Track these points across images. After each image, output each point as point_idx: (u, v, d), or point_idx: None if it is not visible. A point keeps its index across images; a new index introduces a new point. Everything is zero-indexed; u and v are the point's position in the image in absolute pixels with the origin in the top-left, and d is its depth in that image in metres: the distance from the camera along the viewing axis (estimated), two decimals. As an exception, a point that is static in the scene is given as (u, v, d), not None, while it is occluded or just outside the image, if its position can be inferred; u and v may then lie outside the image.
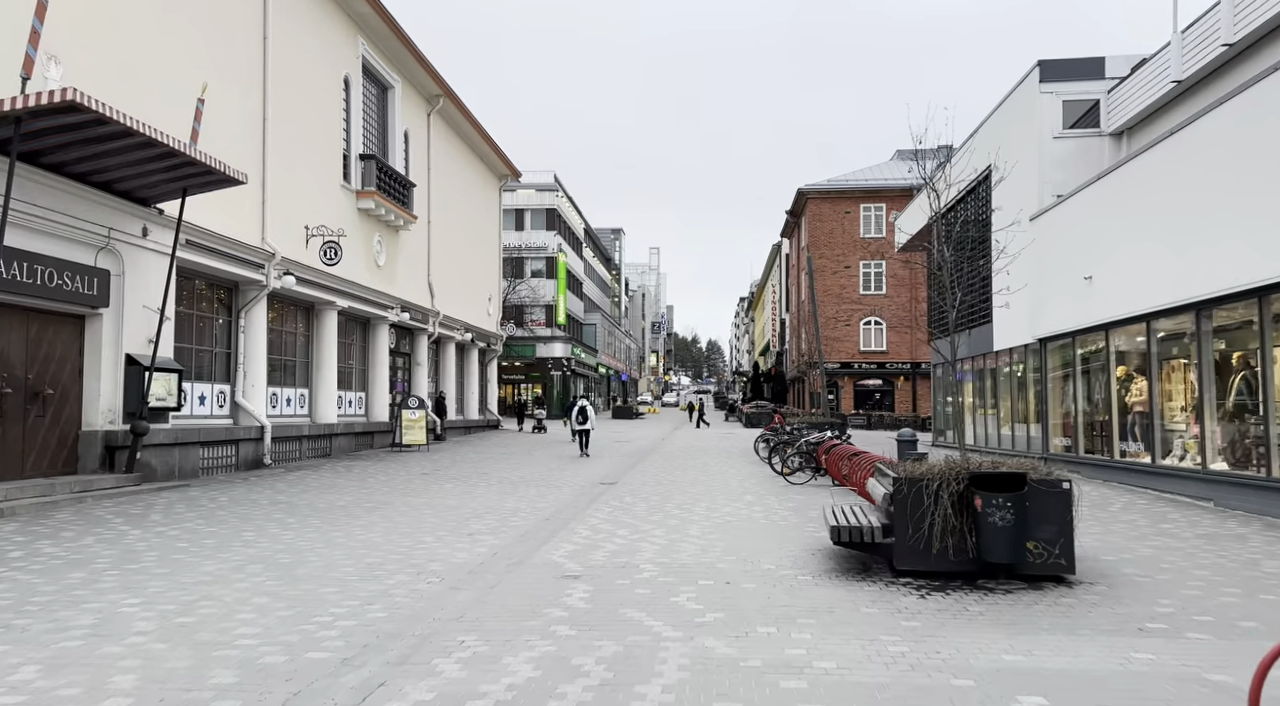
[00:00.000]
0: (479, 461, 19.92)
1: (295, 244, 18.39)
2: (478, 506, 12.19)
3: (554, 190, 56.20)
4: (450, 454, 22.00)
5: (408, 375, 27.15)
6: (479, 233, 33.49)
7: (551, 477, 16.82)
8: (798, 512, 11.94)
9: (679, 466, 19.53)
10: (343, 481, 15.07)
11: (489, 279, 35.07)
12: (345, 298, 20.96)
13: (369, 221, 22.53)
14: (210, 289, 16.42)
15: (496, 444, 26.71)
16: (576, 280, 64.24)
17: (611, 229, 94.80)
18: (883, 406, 48.35)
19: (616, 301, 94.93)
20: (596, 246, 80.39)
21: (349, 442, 21.42)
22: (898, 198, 46.88)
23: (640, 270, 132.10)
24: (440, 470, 17.60)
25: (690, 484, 15.69)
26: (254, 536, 9.30)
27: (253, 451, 16.66)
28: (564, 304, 55.57)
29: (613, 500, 13.18)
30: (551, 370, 54.01)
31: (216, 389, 16.36)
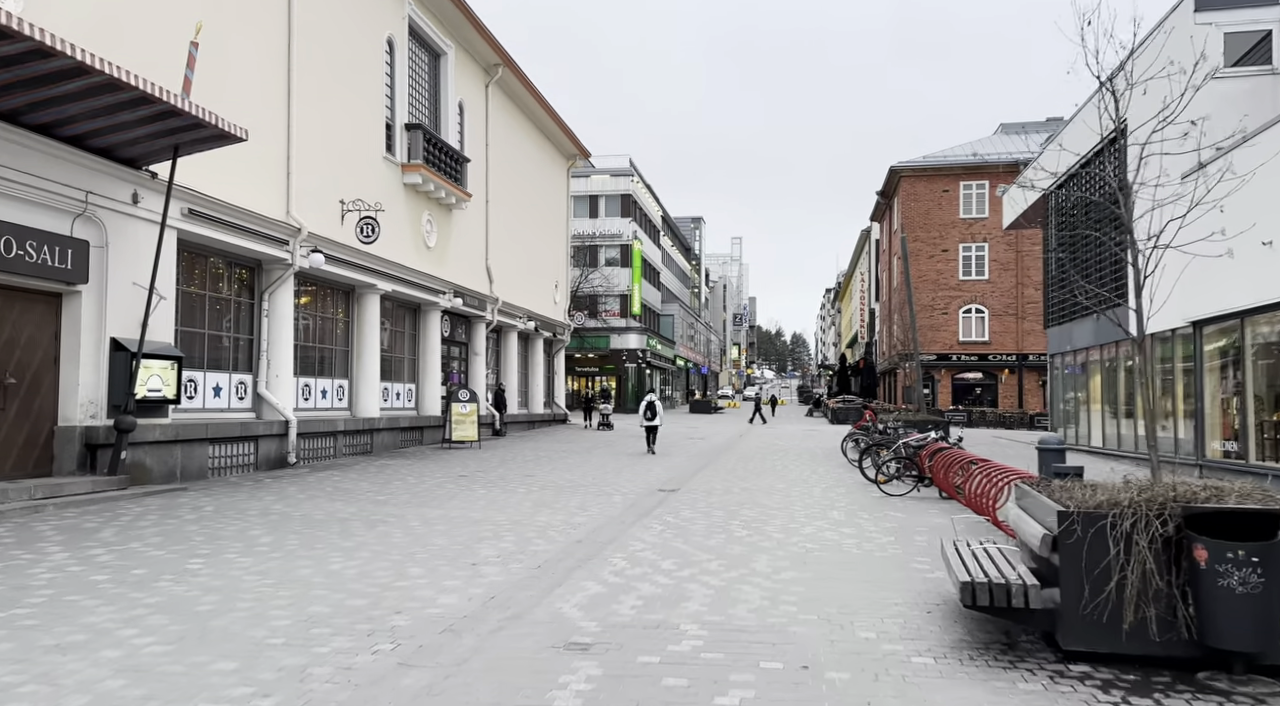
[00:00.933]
0: (530, 461, 17.91)
1: (327, 219, 16.69)
2: (502, 521, 10.07)
3: (629, 175, 54.08)
4: (503, 452, 20.09)
5: (464, 366, 25.43)
6: (544, 215, 31.60)
7: (604, 482, 14.62)
8: (900, 537, 9.39)
9: (753, 470, 17.08)
10: (364, 485, 13.22)
11: (555, 265, 33.17)
12: (389, 280, 19.24)
13: (416, 198, 20.77)
14: (229, 268, 14.82)
15: (557, 440, 24.74)
16: (653, 269, 62.06)
17: (691, 217, 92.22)
18: (983, 402, 44.52)
19: (696, 292, 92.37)
20: (675, 235, 78.02)
21: (393, 438, 19.73)
22: (1003, 175, 42.94)
23: (721, 261, 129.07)
24: (482, 471, 15.63)
25: (764, 492, 13.25)
26: (200, 565, 7.37)
27: (276, 449, 15.03)
28: (639, 293, 53.45)
29: (668, 514, 10.87)
30: (625, 362, 51.98)
31: (235, 379, 14.77)
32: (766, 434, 30.72)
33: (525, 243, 29.21)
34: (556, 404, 34.07)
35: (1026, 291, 44.30)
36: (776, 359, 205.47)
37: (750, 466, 17.86)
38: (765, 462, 18.77)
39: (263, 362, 15.19)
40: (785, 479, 15.50)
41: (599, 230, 53.51)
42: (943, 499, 12.86)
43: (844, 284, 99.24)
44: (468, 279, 23.91)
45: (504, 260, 26.83)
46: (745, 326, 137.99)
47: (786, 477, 15.72)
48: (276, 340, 15.40)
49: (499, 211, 26.43)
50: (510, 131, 27.72)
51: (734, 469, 17.32)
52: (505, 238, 27.08)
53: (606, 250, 53.54)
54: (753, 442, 25.78)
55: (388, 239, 19.08)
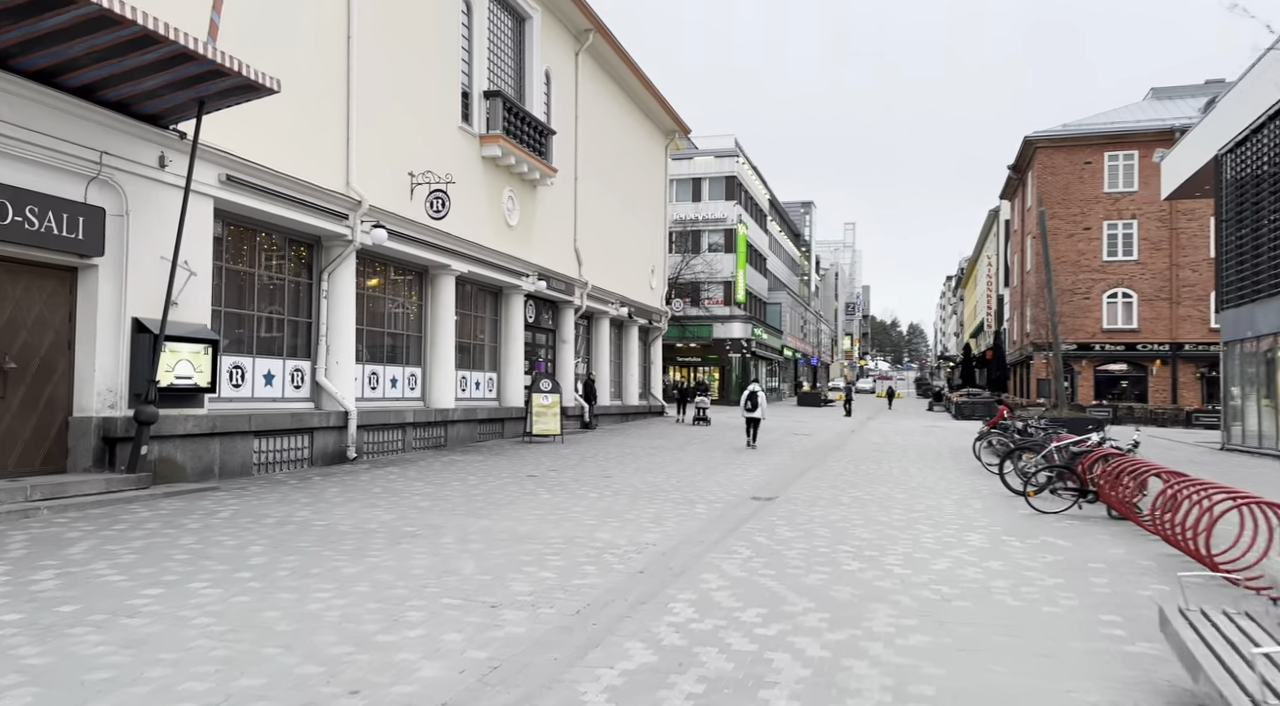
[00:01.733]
0: (612, 459, 16.12)
1: (394, 193, 15.34)
2: (554, 538, 8.26)
3: (734, 156, 51.64)
4: (586, 447, 18.39)
5: (551, 354, 23.92)
6: (640, 195, 29.77)
7: (690, 485, 12.66)
8: (1070, 578, 7.04)
9: (867, 474, 14.73)
10: (418, 485, 11.71)
11: (652, 248, 31.31)
12: (465, 261, 17.81)
13: (496, 173, 19.29)
14: (284, 244, 13.62)
15: (649, 435, 22.91)
16: (759, 255, 59.42)
17: (801, 202, 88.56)
18: (1130, 396, 39.98)
19: (805, 280, 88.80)
20: (783, 220, 74.90)
21: (469, 431, 18.33)
22: (1154, 142, 38.29)
23: (833, 248, 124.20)
24: (555, 471, 13.94)
25: (881, 505, 10.97)
26: (152, 600, 5.83)
27: (334, 442, 13.77)
28: (743, 280, 51.02)
29: (759, 533, 8.81)
30: (729, 352, 49.69)
31: (291, 366, 13.57)
32: (883, 430, 27.96)
33: (618, 224, 27.46)
34: (653, 395, 32.26)
35: (1182, 273, 39.46)
36: (892, 350, 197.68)
37: (863, 470, 15.50)
38: (881, 465, 16.34)
39: (321, 348, 13.96)
40: (906, 487, 13.12)
41: (701, 214, 51.34)
42: (1112, 518, 10.27)
43: (967, 270, 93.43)
44: (554, 261, 22.34)
45: (594, 242, 25.16)
46: (858, 316, 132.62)
47: (908, 485, 13.33)
48: (337, 324, 14.13)
49: (589, 189, 24.76)
50: (602, 104, 25.98)
51: (844, 472, 15.02)
52: (596, 218, 25.39)
53: (709, 235, 51.32)
54: (866, 440, 23.23)
55: (464, 216, 17.65)
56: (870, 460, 17.43)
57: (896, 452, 19.26)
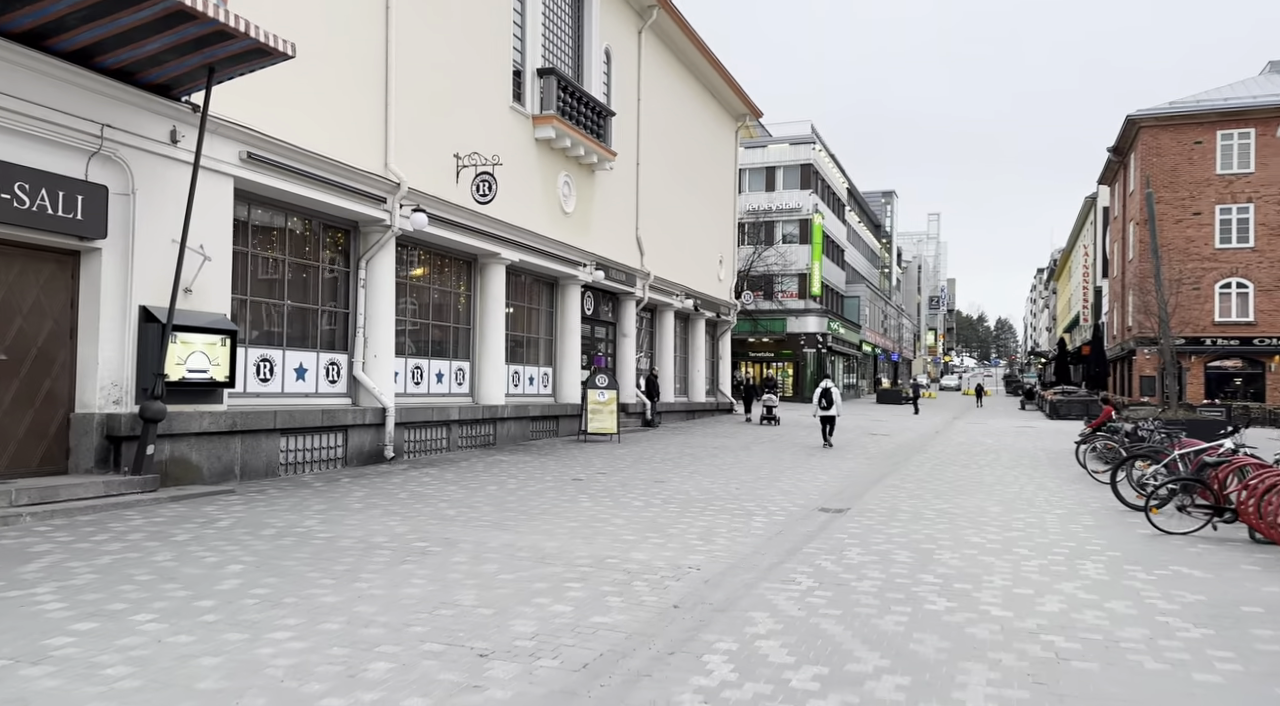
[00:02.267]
0: (669, 461, 14.89)
1: (437, 175, 14.44)
2: (582, 558, 7.10)
3: (810, 142, 49.62)
4: (643, 447, 17.21)
5: (611, 348, 22.81)
6: (707, 182, 28.40)
7: (751, 493, 11.34)
8: (1223, 626, 5.49)
9: (954, 481, 13.12)
10: (449, 490, 10.72)
11: (720, 238, 29.90)
12: (516, 249, 16.83)
13: (551, 156, 18.25)
14: (317, 229, 12.84)
15: (715, 434, 21.58)
16: (836, 246, 57.18)
17: (881, 192, 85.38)
18: (1244, 394, 36.61)
19: (886, 272, 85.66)
20: (862, 210, 72.22)
21: (521, 429, 17.35)
22: (1274, 119, 34.87)
23: (915, 239, 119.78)
24: (605, 474, 12.79)
25: (971, 521, 9.45)
26: (73, 640, 4.89)
27: (370, 441, 12.93)
28: (819, 272, 49.01)
29: (824, 555, 7.46)
30: (804, 347, 47.79)
31: (325, 359, 12.78)
32: (970, 430, 25.94)
33: (684, 212, 26.17)
34: (721, 392, 30.88)
35: (1310, 260, 35.84)
36: (978, 346, 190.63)
37: (948, 476, 13.88)
38: (970, 471, 14.67)
39: (359, 341, 13.13)
40: (1000, 497, 11.51)
41: (775, 204, 49.53)
42: (1257, 542, 8.54)
43: (1061, 261, 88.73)
44: (614, 250, 21.21)
45: (658, 231, 23.94)
46: (942, 310, 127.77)
47: (1002, 495, 11.71)
48: (375, 315, 13.30)
49: (652, 175, 23.54)
50: (667, 85, 24.71)
51: (926, 479, 13.44)
52: (659, 205, 24.16)
53: (783, 226, 49.44)
54: (951, 441, 21.39)
55: (515, 202, 16.67)
56: (957, 464, 15.74)
57: (987, 456, 17.48)
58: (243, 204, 11.28)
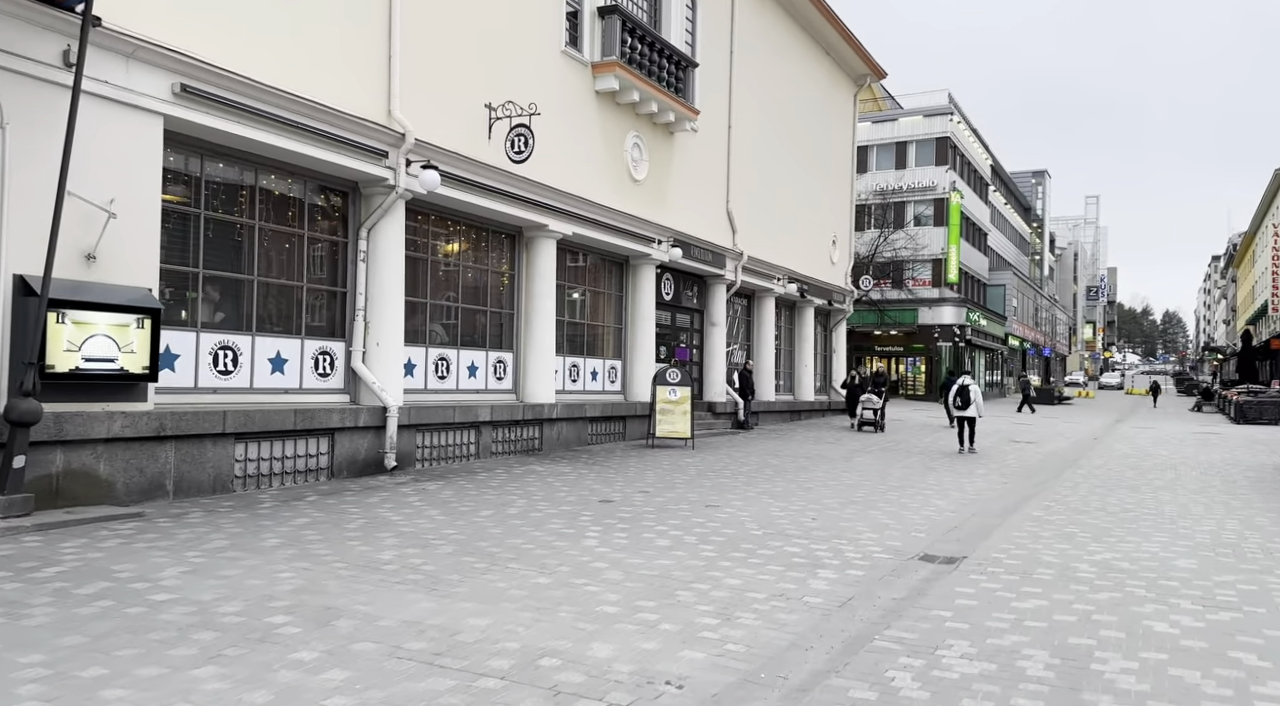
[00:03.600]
0: (743, 475, 11.96)
1: (465, 130, 12.10)
2: (506, 656, 4.42)
3: (947, 113, 44.73)
4: (721, 455, 14.32)
5: (697, 339, 19.96)
6: (818, 151, 25.01)
7: (832, 525, 8.33)
8: None
9: (1118, 512, 9.57)
10: (423, 521, 8.29)
11: (834, 215, 26.41)
12: (568, 220, 14.32)
13: (616, 113, 15.63)
14: (302, 190, 10.74)
15: (818, 439, 18.37)
16: (977, 230, 51.74)
17: (1032, 172, 77.82)
18: None
19: (1037, 260, 78.14)
20: (1009, 191, 65.72)
21: (576, 432, 14.81)
22: None
23: (1071, 224, 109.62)
24: (650, 492, 10.07)
25: (1149, 584, 6.07)
26: None
27: (368, 447, 10.73)
28: (956, 257, 44.09)
29: (910, 657, 4.41)
30: (938, 340, 43.08)
31: (314, 348, 10.68)
32: (1136, 437, 21.40)
33: (788, 184, 22.95)
34: (835, 389, 27.38)
35: None
36: (1143, 341, 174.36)
37: (1112, 504, 10.30)
38: (1140, 495, 10.96)
39: (357, 326, 10.96)
40: (1190, 541, 7.99)
41: (907, 182, 44.98)
42: None
43: (1243, 246, 78.38)
44: (697, 226, 18.36)
45: (754, 205, 20.88)
46: (1102, 302, 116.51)
47: (1192, 537, 8.16)
48: (380, 295, 11.09)
49: (748, 140, 20.51)
50: (768, 36, 21.57)
51: (1081, 508, 9.95)
52: (757, 176, 21.10)
53: (915, 206, 44.82)
54: (1113, 450, 17.27)
55: (570, 164, 14.19)
56: (1123, 485, 12.01)
57: (1162, 473, 13.53)
58: (193, 153, 9.27)
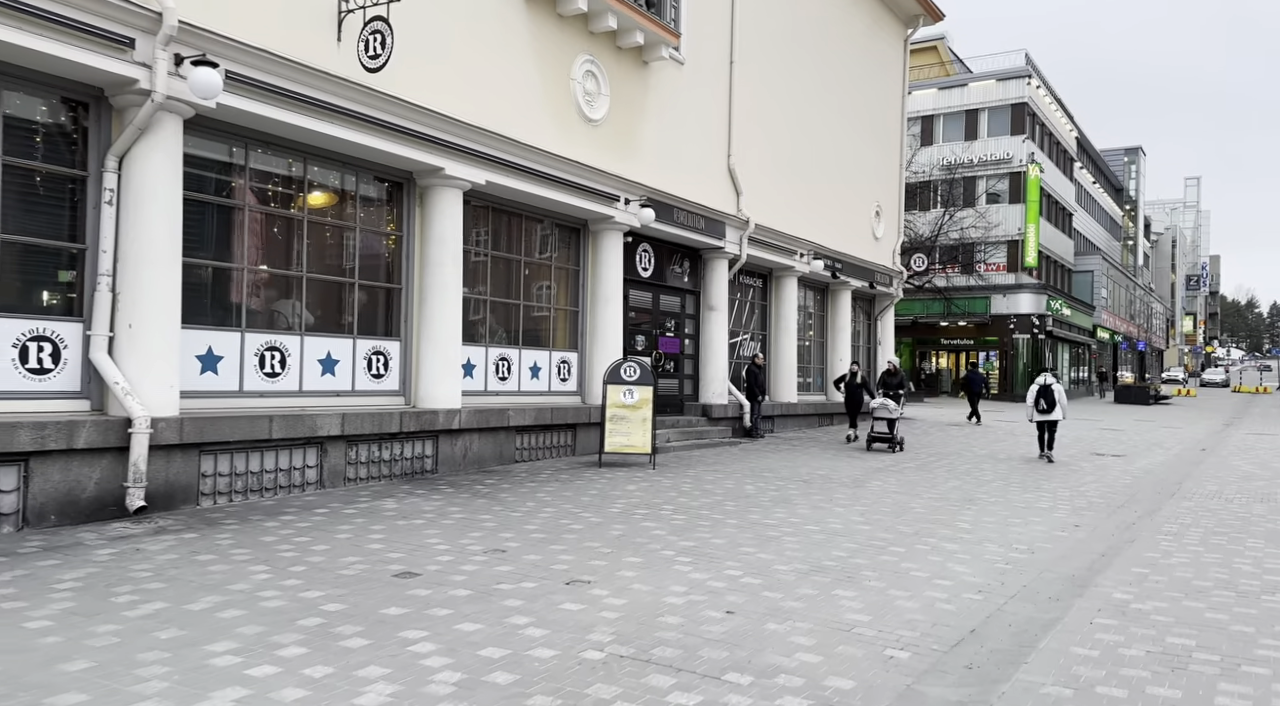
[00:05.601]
0: (692, 513, 8.12)
1: (296, 22, 8.61)
2: None
3: (1024, 76, 39.45)
4: (687, 478, 10.48)
5: (691, 326, 16.10)
6: (857, 104, 20.82)
7: (755, 640, 4.43)
8: None
9: (1260, 580, 5.48)
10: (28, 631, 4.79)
11: (878, 181, 22.15)
12: (479, 164, 10.71)
13: (558, 28, 11.94)
14: (12, 96, 7.40)
15: (837, 451, 14.33)
16: (1061, 209, 46.14)
17: (1124, 149, 70.74)
18: None
19: (1130, 245, 71.05)
20: (1097, 168, 59.37)
21: (495, 447, 11.13)
22: None
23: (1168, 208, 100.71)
24: (509, 555, 6.37)
25: None
26: None
27: (101, 479, 7.30)
28: (1035, 239, 38.83)
29: None
30: (1014, 331, 37.98)
31: (20, 330, 7.32)
32: (1256, 446, 16.53)
33: (815, 140, 18.88)
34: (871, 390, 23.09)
35: None
36: (1248, 335, 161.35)
37: (1243, 565, 6.18)
38: None
39: (99, 298, 7.56)
40: None
41: (977, 154, 39.93)
42: None
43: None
44: (685, 184, 14.54)
45: (767, 163, 16.93)
46: (1203, 292, 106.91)
47: None
48: (136, 253, 7.63)
49: (758, 83, 16.57)
50: (783, -44, 17.54)
51: (1196, 563, 5.95)
52: (771, 127, 17.13)
53: (988, 181, 39.74)
54: (1227, 468, 12.72)
55: (482, 90, 10.63)
56: (1255, 531, 7.77)
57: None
58: None
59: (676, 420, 14.85)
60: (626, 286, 14.15)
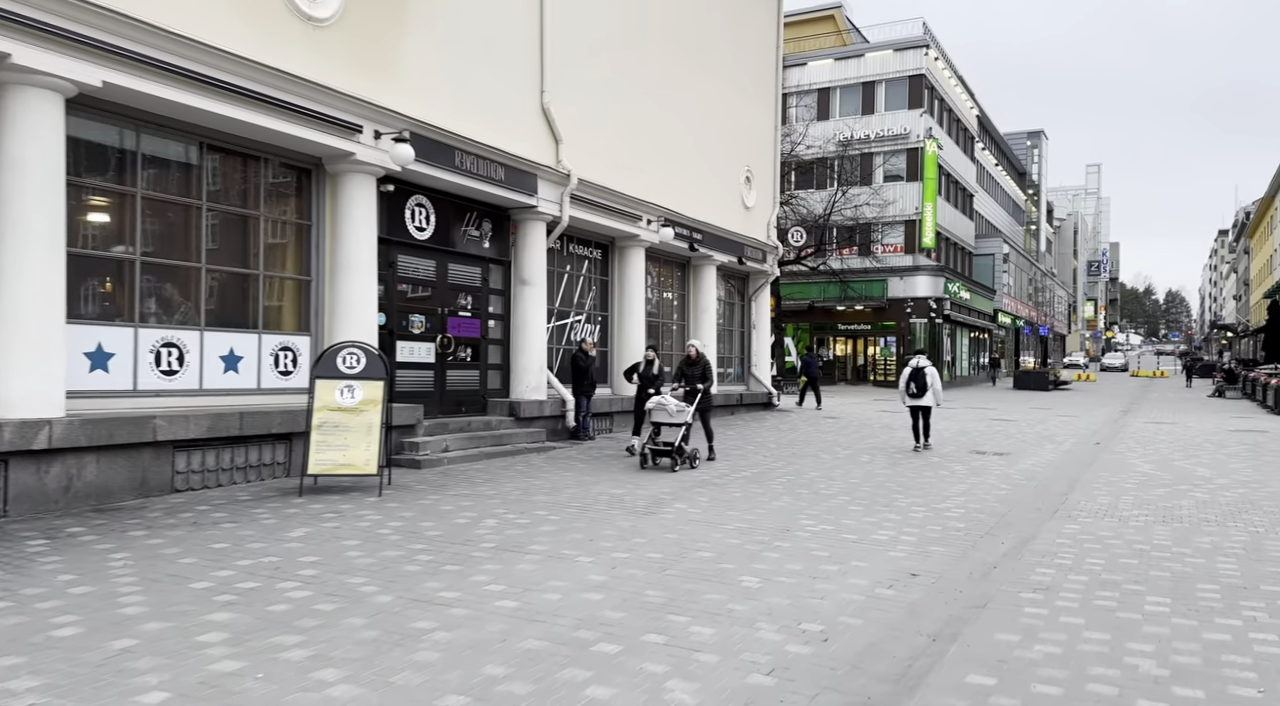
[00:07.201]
0: (362, 574, 5.11)
1: None
2: None
3: (921, 46, 37.60)
4: (428, 510, 7.46)
5: (499, 304, 13.03)
6: (720, 52, 18.07)
7: None
8: None
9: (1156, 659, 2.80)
10: None
11: (747, 142, 19.49)
12: (101, 59, 7.43)
13: (245, -111, 8.69)
14: None
15: (629, 465, 11.53)
16: (961, 190, 44.77)
17: (1026, 133, 70.61)
18: None
19: (1033, 230, 71.08)
20: (999, 150, 58.66)
21: (130, 471, 7.78)
22: None
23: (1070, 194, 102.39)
24: None
25: None
26: None
27: None
28: (932, 218, 37.11)
29: None
30: (911, 316, 36.20)
31: None
32: (1154, 440, 14.42)
33: (664, 88, 16.04)
34: (757, 377, 20.57)
35: None
36: (1145, 321, 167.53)
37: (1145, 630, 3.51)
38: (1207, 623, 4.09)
39: None
40: None
41: (876, 130, 37.97)
42: None
43: (1259, 213, 71.64)
44: (473, 121, 11.45)
45: (598, 108, 14.01)
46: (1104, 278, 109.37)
47: None
48: None
49: (586, 10, 13.59)
50: None
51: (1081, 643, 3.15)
52: (606, 69, 14.20)
53: (886, 158, 37.83)
54: (1125, 467, 10.38)
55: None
56: (1151, 562, 5.20)
57: (1227, 531, 6.70)
58: None
59: (469, 422, 11.80)
60: (393, 250, 11.04)
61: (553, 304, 14.24)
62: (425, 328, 11.59)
